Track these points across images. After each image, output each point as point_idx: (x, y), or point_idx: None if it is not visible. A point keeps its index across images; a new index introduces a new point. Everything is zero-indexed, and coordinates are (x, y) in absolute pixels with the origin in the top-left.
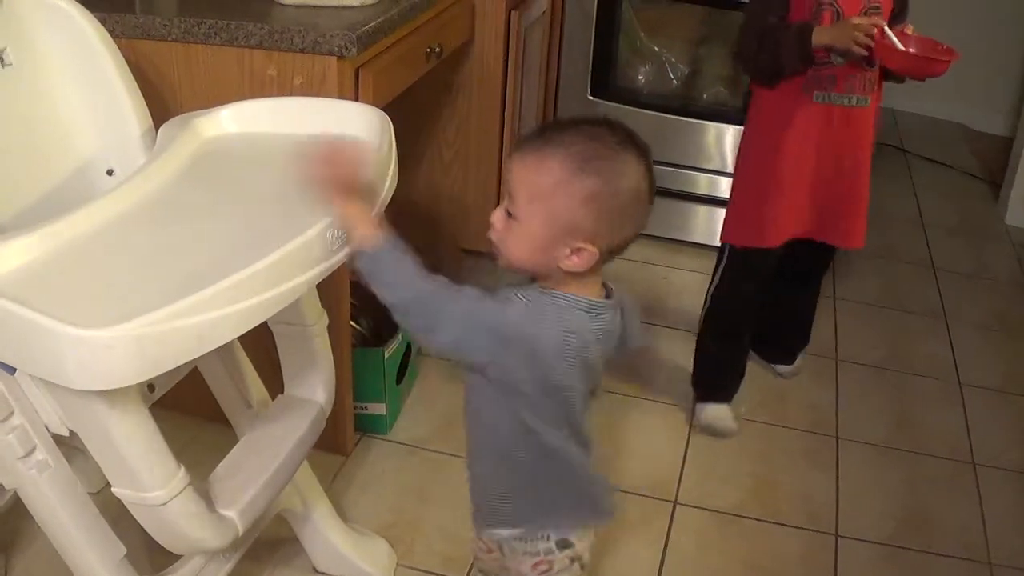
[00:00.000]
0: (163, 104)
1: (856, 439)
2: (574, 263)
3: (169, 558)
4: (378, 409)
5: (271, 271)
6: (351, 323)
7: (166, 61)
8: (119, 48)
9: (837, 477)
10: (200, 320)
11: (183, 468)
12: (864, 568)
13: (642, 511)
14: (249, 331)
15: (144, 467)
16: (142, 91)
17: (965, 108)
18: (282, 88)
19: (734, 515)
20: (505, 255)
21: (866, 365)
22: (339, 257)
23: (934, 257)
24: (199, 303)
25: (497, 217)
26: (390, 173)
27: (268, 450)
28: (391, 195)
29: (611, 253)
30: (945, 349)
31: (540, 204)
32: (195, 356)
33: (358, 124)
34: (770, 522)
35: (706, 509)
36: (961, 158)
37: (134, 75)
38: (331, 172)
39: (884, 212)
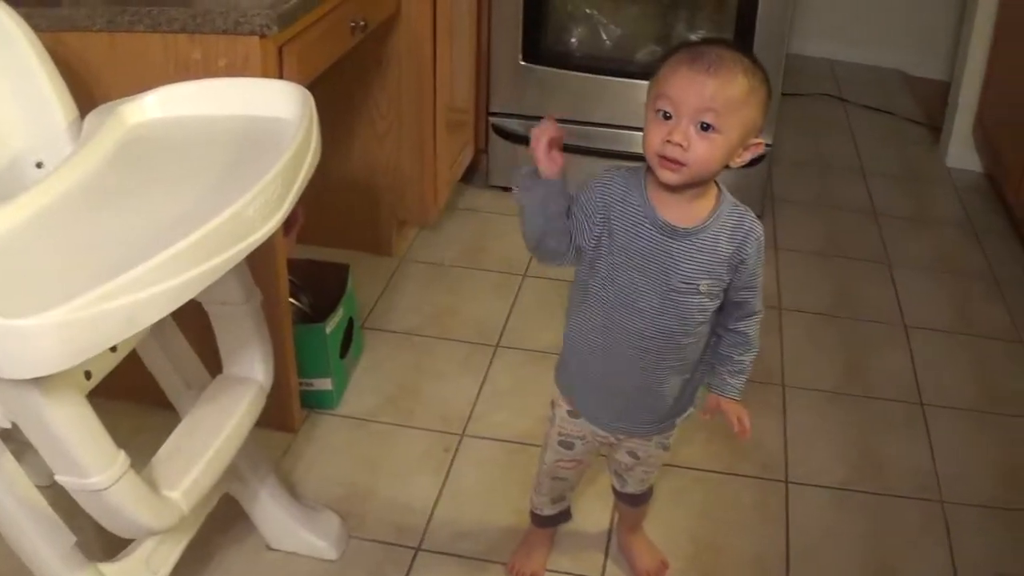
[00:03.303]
0: (91, 95)
1: (803, 386)
2: (744, 158)
3: (124, 543)
4: (324, 384)
5: (195, 249)
6: (291, 300)
7: (93, 52)
8: (45, 41)
9: (785, 424)
10: (127, 302)
11: (123, 453)
12: (816, 513)
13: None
14: (187, 313)
15: (84, 454)
16: (71, 83)
17: (903, 54)
18: (207, 71)
19: (686, 467)
20: (697, 170)
21: (810, 313)
22: (263, 232)
23: (875, 203)
24: (125, 285)
25: (683, 136)
26: (312, 148)
27: (208, 430)
28: (314, 170)
29: None
30: (889, 293)
31: (737, 113)
32: (125, 337)
33: (280, 101)
34: (722, 472)
35: (668, 465)
36: (901, 104)
37: (62, 68)
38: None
39: (823, 161)
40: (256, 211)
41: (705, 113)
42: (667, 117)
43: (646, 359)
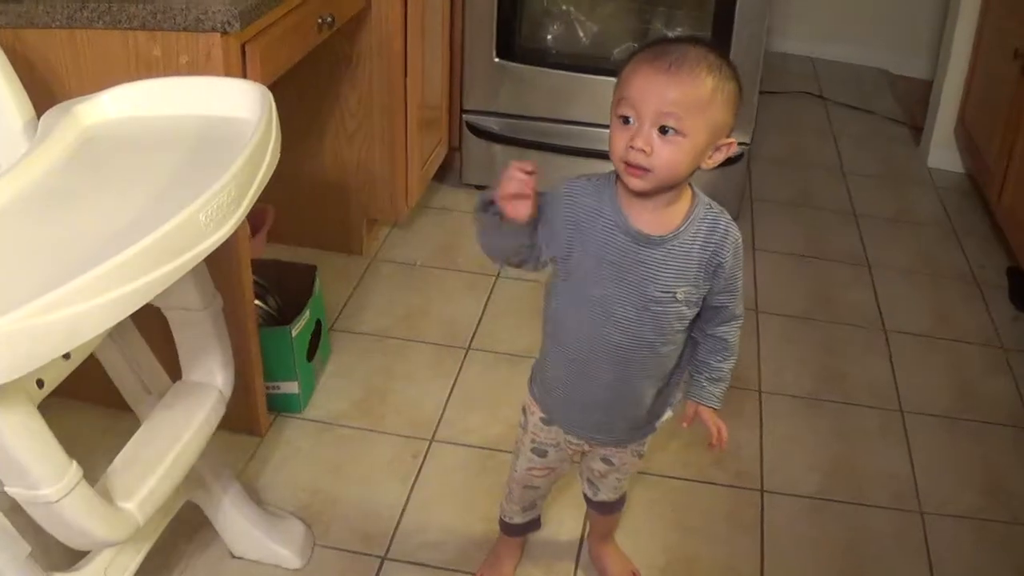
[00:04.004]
0: (51, 94)
1: (779, 392)
2: (716, 160)
3: (85, 551)
4: (290, 388)
5: (140, 259)
6: (257, 303)
7: (52, 49)
8: (4, 39)
9: (761, 432)
10: (68, 314)
11: (75, 464)
12: (792, 522)
13: None
14: (148, 317)
15: (34, 465)
16: (31, 82)
17: (885, 53)
18: (168, 69)
19: (659, 475)
20: (663, 175)
21: (788, 316)
22: (215, 239)
23: (855, 204)
24: (66, 297)
25: (646, 141)
26: (270, 148)
27: (166, 438)
28: (272, 170)
29: None
30: (869, 296)
31: (702, 115)
32: (68, 349)
33: (239, 101)
34: (696, 481)
35: (641, 473)
36: (882, 103)
37: (22, 66)
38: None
39: (803, 160)
40: (208, 217)
41: (666, 117)
42: (628, 122)
43: (623, 369)
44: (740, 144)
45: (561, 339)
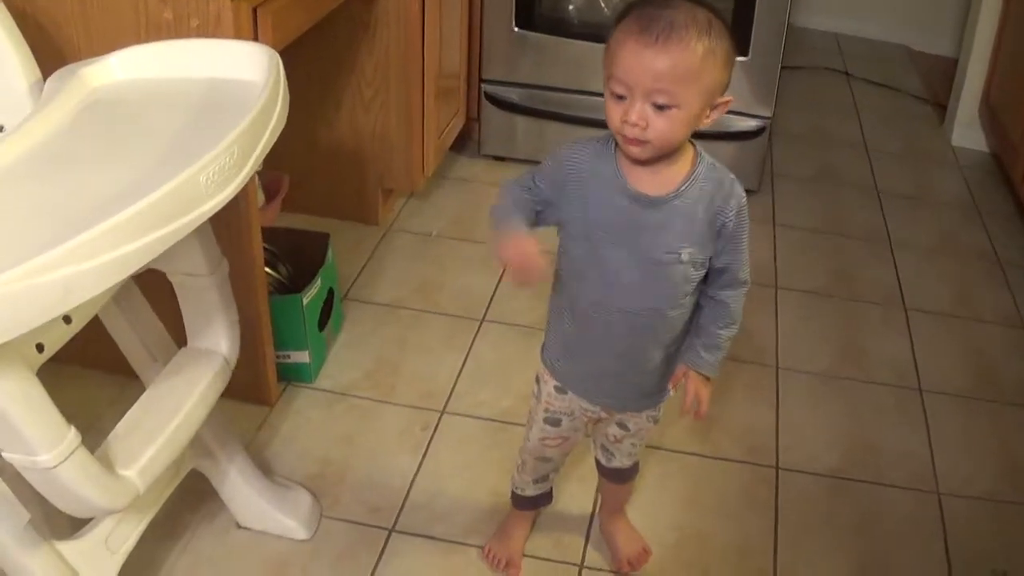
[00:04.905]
0: (60, 55)
1: (797, 369)
2: (714, 118)
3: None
4: (301, 357)
5: (138, 220)
6: (268, 271)
7: (62, 11)
8: (15, 1)
9: (777, 408)
10: (62, 275)
11: (74, 429)
12: (806, 500)
13: None
14: (154, 283)
15: (31, 431)
16: (39, 43)
17: (909, 30)
18: (179, 32)
19: (671, 451)
20: (661, 144)
21: (807, 292)
22: (217, 201)
23: (878, 181)
24: (60, 258)
25: (640, 116)
26: (277, 111)
27: (168, 405)
28: (278, 135)
29: None
30: (890, 274)
31: (695, 83)
32: (64, 311)
33: (246, 63)
34: (710, 457)
35: (647, 447)
36: (906, 80)
37: (31, 28)
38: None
39: (826, 137)
40: (209, 179)
41: (658, 93)
42: (622, 97)
43: (632, 334)
44: (762, 119)
45: (569, 304)
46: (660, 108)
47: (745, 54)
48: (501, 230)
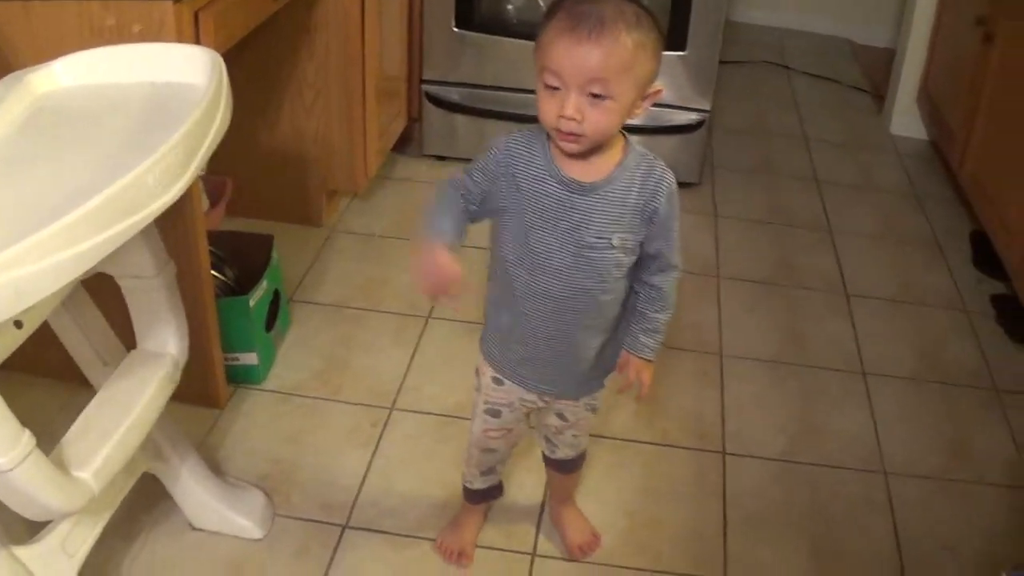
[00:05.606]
0: (6, 64)
1: (742, 355)
2: (644, 107)
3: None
4: (249, 359)
5: (88, 220)
6: (215, 274)
7: (6, 20)
8: None
9: (722, 395)
10: (13, 276)
11: (28, 432)
12: (755, 485)
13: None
14: (103, 286)
15: None
16: None
17: (852, 23)
18: (122, 37)
19: (620, 439)
20: (596, 137)
21: (750, 281)
22: (164, 201)
23: (817, 170)
24: (10, 259)
25: (576, 109)
26: (220, 111)
27: (119, 407)
28: (222, 135)
29: None
30: (831, 261)
31: (628, 75)
32: (15, 313)
33: (189, 67)
34: (658, 444)
35: (597, 436)
36: (847, 73)
37: None
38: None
39: (766, 129)
40: (156, 179)
41: (593, 84)
42: (556, 89)
43: (565, 319)
44: (701, 112)
45: (504, 292)
46: (596, 98)
47: (683, 48)
48: (424, 237)
